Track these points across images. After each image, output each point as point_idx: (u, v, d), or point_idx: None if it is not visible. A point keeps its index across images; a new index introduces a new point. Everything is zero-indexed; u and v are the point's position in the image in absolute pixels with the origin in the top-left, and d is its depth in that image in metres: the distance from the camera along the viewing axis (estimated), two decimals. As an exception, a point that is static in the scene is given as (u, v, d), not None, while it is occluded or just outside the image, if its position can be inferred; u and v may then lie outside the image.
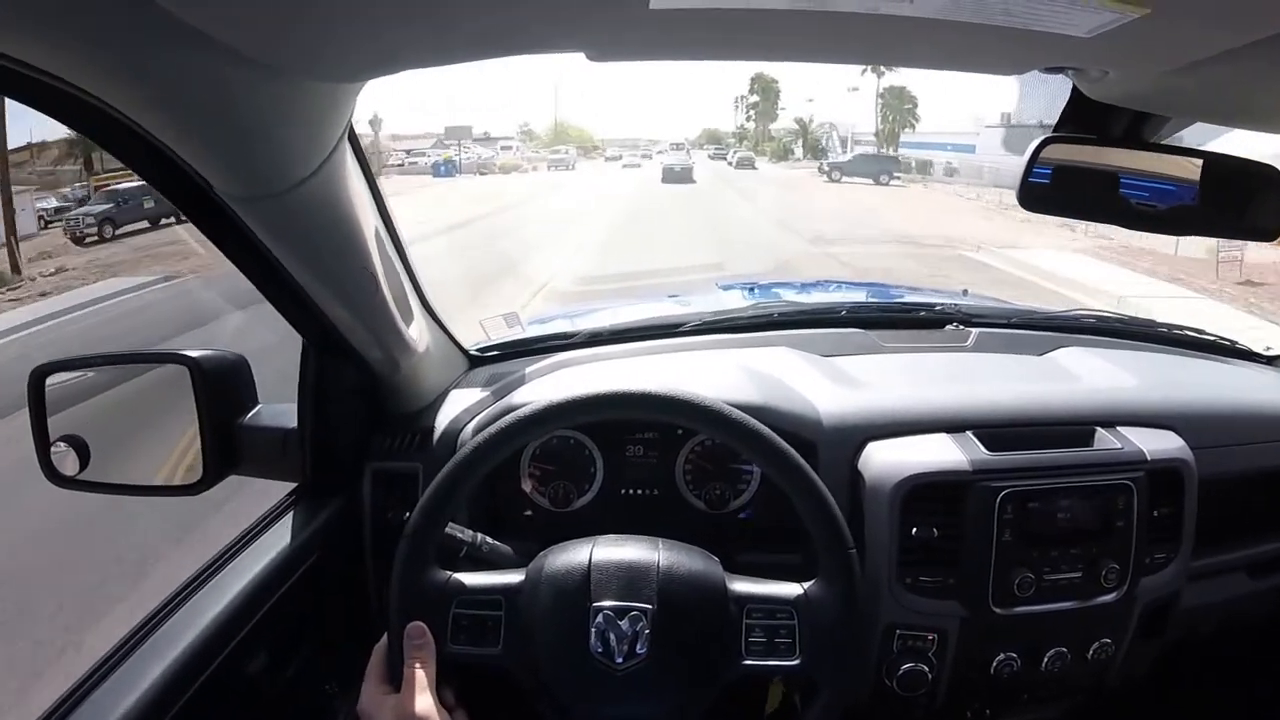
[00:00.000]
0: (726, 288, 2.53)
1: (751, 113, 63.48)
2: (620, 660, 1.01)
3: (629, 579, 1.04)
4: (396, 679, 1.00)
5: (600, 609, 1.02)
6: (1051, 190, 1.06)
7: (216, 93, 0.72)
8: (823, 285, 2.69)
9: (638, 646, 1.00)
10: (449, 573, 1.07)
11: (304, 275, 1.08)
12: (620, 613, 1.02)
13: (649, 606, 1.02)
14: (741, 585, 1.07)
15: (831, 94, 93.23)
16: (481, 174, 38.90)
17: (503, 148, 48.88)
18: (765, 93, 61.76)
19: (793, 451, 1.08)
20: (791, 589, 1.07)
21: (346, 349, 1.26)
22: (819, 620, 1.05)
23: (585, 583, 1.04)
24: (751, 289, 2.33)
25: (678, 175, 32.56)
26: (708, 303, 2.14)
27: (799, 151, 58.67)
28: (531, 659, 1.04)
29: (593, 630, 1.01)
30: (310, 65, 0.74)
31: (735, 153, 51.38)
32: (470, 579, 1.07)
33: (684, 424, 1.21)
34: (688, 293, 2.49)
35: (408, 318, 1.30)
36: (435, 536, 1.07)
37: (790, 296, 2.31)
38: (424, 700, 0.97)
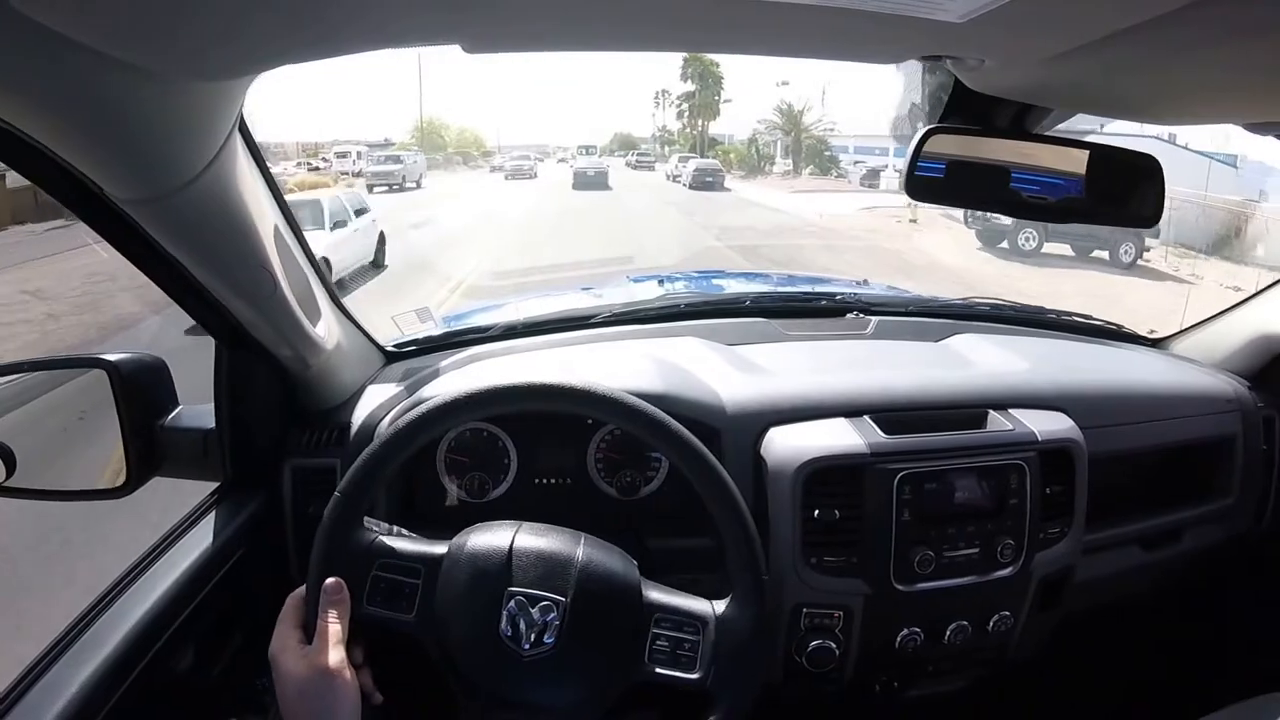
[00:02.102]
0: (637, 280, 2.56)
1: (684, 107, 48.36)
2: (527, 647, 1.01)
3: (547, 569, 1.05)
4: (310, 630, 1.01)
5: (514, 594, 1.03)
6: (944, 181, 1.09)
7: (94, 98, 0.72)
8: (729, 275, 2.76)
9: (546, 636, 1.01)
10: (375, 534, 1.07)
11: (204, 275, 1.08)
12: (533, 600, 1.02)
13: (562, 599, 1.03)
14: (656, 594, 1.09)
15: (809, 75, 72.08)
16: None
17: (338, 155, 37.82)
18: (703, 80, 46.57)
19: (719, 467, 1.09)
20: (703, 606, 1.08)
21: (256, 347, 1.26)
22: (726, 640, 1.05)
23: (505, 566, 1.04)
24: (661, 281, 2.37)
25: (591, 180, 29.37)
26: (619, 295, 2.17)
27: (778, 158, 42.66)
28: (442, 632, 1.04)
29: (504, 614, 1.02)
30: (185, 66, 0.73)
31: (684, 160, 35.43)
32: (395, 543, 1.07)
33: (623, 426, 1.19)
34: (600, 285, 2.52)
35: (314, 315, 1.31)
36: (363, 503, 1.07)
37: (698, 288, 2.37)
38: (335, 654, 0.98)
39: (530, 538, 1.08)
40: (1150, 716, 1.56)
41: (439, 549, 1.08)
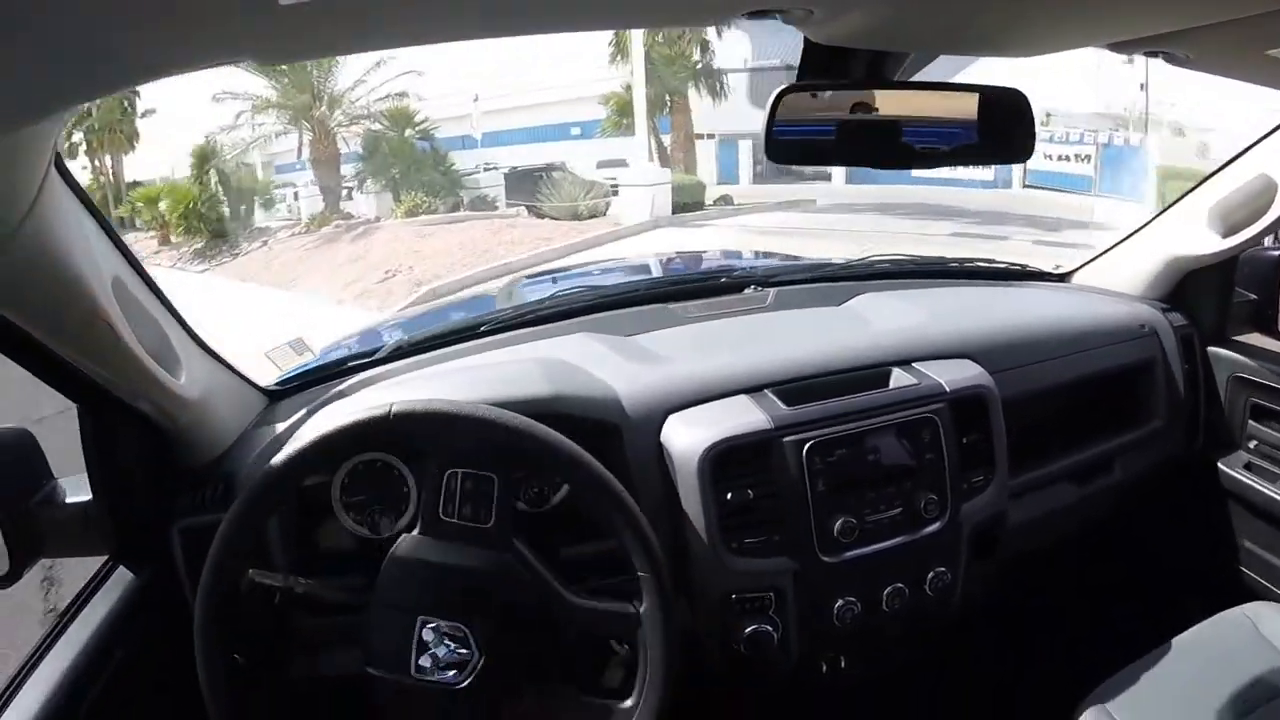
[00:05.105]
0: (528, 284, 2.50)
1: (75, 140, 17.69)
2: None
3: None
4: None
5: (427, 623, 1.03)
6: (835, 143, 1.05)
7: None
8: (622, 268, 2.71)
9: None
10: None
11: (42, 334, 0.99)
12: (447, 628, 1.02)
13: (477, 623, 1.02)
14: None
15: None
16: None
17: None
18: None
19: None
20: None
21: (119, 405, 1.17)
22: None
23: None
24: (554, 279, 2.31)
25: None
26: (510, 300, 2.11)
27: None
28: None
29: (415, 643, 1.02)
30: None
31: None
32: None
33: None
34: (488, 294, 2.45)
35: (173, 365, 1.21)
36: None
37: (592, 282, 2.31)
38: None
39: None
40: (1112, 644, 1.55)
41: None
